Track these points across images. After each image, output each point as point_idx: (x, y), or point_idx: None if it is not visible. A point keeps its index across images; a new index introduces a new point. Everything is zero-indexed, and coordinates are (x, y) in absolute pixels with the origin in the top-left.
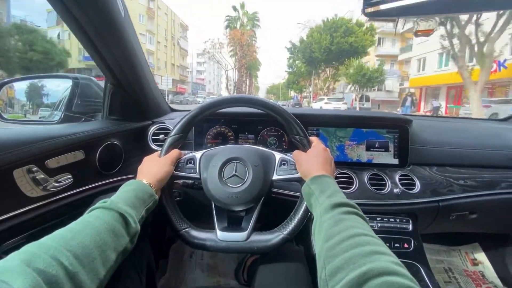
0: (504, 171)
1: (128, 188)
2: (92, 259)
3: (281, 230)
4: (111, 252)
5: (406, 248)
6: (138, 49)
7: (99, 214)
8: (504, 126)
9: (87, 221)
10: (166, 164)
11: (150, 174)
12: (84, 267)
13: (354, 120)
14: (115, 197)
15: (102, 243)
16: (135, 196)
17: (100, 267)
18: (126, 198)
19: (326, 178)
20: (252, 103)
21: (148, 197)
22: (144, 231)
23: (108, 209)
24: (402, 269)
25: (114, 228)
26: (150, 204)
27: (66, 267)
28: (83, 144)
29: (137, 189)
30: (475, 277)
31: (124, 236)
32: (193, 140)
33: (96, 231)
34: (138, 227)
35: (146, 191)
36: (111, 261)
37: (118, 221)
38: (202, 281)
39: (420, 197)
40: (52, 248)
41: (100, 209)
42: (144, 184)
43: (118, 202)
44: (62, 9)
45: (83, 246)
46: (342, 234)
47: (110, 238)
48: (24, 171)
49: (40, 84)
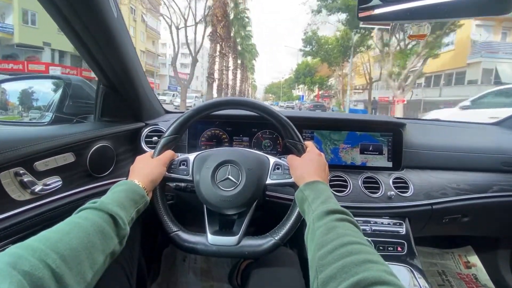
0: (495, 174)
1: (119, 188)
2: (79, 262)
3: (272, 235)
4: (99, 255)
5: (400, 251)
6: (131, 50)
7: (87, 215)
8: (495, 129)
9: (75, 222)
10: (158, 165)
11: (142, 175)
12: (71, 269)
13: (348, 123)
14: (105, 198)
15: (90, 245)
16: (126, 197)
17: (88, 270)
18: (117, 199)
19: (320, 184)
20: (247, 105)
21: (139, 198)
22: (134, 234)
23: (98, 209)
24: (394, 278)
25: (103, 229)
26: (141, 206)
27: (53, 269)
28: (74, 146)
29: (128, 190)
30: (468, 280)
31: (113, 238)
32: (187, 142)
33: (84, 233)
34: (128, 229)
35: (137, 192)
36: (99, 264)
37: (107, 222)
38: (195, 285)
39: (414, 200)
40: (38, 250)
41: (89, 210)
42: (135, 184)
43: (108, 203)
44: (53, 8)
45: (70, 248)
46: (335, 242)
47: (99, 240)
48: (11, 173)
49: (31, 85)
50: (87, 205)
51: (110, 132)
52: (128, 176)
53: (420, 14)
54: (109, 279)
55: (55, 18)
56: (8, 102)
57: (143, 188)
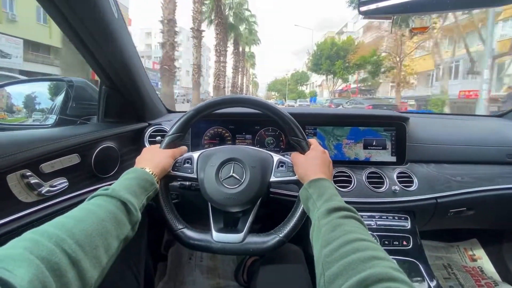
0: (500, 167)
1: (130, 175)
2: (94, 247)
3: (277, 232)
4: (113, 240)
5: (405, 245)
6: (132, 50)
7: (100, 201)
8: (500, 121)
9: (89, 208)
10: (168, 155)
11: (152, 162)
12: (87, 254)
13: (351, 118)
14: (116, 185)
15: (105, 231)
16: (137, 184)
17: (103, 255)
18: (128, 186)
19: (324, 182)
20: (250, 103)
21: (149, 185)
22: (140, 233)
23: (110, 197)
24: (401, 275)
25: (117, 216)
26: (151, 193)
27: (69, 254)
28: (79, 147)
29: (139, 177)
30: (474, 272)
31: (126, 224)
32: (190, 141)
33: (98, 219)
34: (139, 215)
35: (148, 179)
36: (113, 249)
37: (120, 209)
38: (201, 283)
39: (418, 194)
40: (54, 236)
41: (102, 197)
42: (146, 172)
43: (119, 190)
44: (53, 9)
45: (86, 234)
46: (340, 240)
47: (113, 226)
48: (18, 176)
49: (34, 87)
50: (99, 192)
51: (114, 132)
52: (135, 165)
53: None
54: (117, 279)
55: (56, 20)
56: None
57: (154, 175)
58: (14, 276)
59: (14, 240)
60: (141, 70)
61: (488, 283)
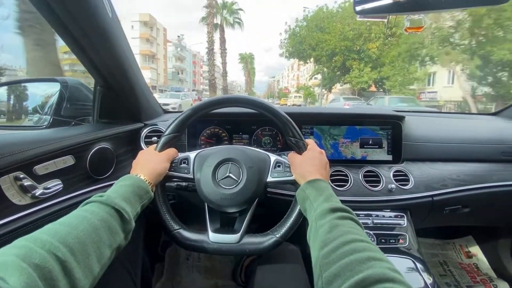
0: (495, 164)
1: (125, 183)
2: (87, 255)
3: (273, 232)
4: (106, 249)
5: (402, 243)
6: (127, 50)
7: (94, 208)
8: (494, 119)
9: (82, 215)
10: (163, 160)
11: (147, 169)
12: (79, 263)
13: (347, 117)
14: (111, 192)
15: (98, 239)
16: (132, 191)
17: (95, 264)
18: (122, 193)
19: (321, 182)
20: (247, 103)
21: (144, 193)
22: (137, 235)
23: (104, 204)
24: (399, 275)
25: (110, 224)
26: (146, 201)
27: (62, 262)
28: (73, 148)
29: (134, 185)
30: (470, 269)
31: (119, 233)
32: (187, 141)
33: (92, 227)
34: (133, 224)
35: (142, 187)
36: (106, 258)
37: (114, 217)
38: (199, 283)
39: (414, 193)
40: (48, 243)
41: (96, 203)
42: (141, 180)
43: (114, 197)
44: (45, 9)
45: (79, 241)
46: (338, 241)
47: (106, 234)
48: (11, 178)
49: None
50: (93, 198)
51: (109, 133)
52: (131, 170)
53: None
54: (114, 280)
55: (48, 19)
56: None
57: (148, 183)
58: (6, 284)
59: (6, 247)
60: (137, 70)
61: (484, 279)
